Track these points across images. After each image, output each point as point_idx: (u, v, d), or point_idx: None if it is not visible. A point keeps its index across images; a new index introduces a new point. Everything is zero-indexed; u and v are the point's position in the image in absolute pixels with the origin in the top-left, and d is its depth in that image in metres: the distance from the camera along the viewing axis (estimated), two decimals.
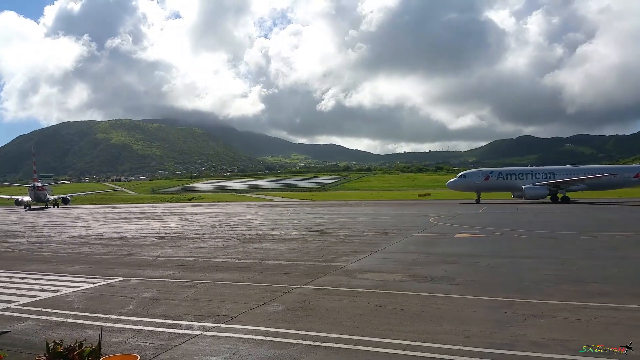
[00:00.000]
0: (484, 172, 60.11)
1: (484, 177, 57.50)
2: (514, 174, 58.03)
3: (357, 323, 8.02)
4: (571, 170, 58.05)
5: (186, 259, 16.18)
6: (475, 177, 57.91)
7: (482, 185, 57.01)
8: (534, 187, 54.14)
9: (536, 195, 53.87)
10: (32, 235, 26.67)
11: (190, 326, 8.11)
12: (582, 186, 54.97)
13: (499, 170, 60.16)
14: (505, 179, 57.16)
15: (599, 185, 55.67)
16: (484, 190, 57.68)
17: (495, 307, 8.91)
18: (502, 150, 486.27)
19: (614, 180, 55.33)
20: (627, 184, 57.00)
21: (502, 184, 57.42)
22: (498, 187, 57.99)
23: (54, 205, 79.76)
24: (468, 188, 58.30)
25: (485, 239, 20.39)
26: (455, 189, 60.10)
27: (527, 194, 53.75)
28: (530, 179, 56.08)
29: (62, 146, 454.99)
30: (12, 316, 9.06)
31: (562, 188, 54.71)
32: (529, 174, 57.54)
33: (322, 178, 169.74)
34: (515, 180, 56.80)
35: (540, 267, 13.10)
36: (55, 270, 14.46)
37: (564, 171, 58.09)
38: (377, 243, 19.32)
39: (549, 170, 58.51)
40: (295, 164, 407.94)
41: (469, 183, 57.60)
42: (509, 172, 59.05)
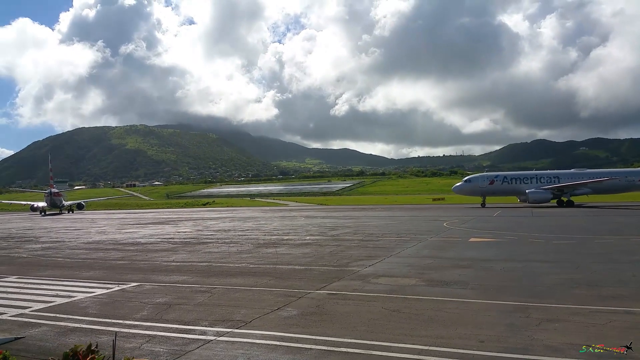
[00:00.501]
0: (489, 176, 60.33)
1: (489, 181, 57.67)
2: (518, 178, 58.16)
3: (372, 328, 8.00)
4: (576, 175, 57.84)
5: (200, 264, 16.28)
6: (481, 182, 58.06)
7: (488, 189, 57.11)
8: (538, 191, 54.05)
9: (540, 199, 53.77)
10: (47, 241, 27.03)
11: (204, 331, 8.14)
12: (587, 190, 54.89)
13: (503, 175, 60.57)
14: (510, 183, 57.28)
15: (603, 189, 55.50)
16: (490, 194, 57.70)
17: (509, 311, 8.83)
18: (517, 154, 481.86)
19: (619, 184, 55.12)
20: (632, 188, 56.67)
21: (507, 188, 57.50)
22: (503, 191, 58.03)
23: (69, 211, 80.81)
24: (473, 192, 58.39)
25: (499, 243, 20.21)
26: (460, 193, 60.39)
27: (530, 197, 53.73)
28: (534, 183, 55.98)
29: (77, 152, 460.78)
30: (26, 322, 9.17)
31: (566, 192, 54.62)
32: (533, 178, 57.48)
33: (336, 183, 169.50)
34: (520, 184, 56.82)
35: (555, 272, 12.96)
36: (70, 276, 14.63)
37: (569, 175, 57.89)
38: (391, 247, 19.25)
39: (554, 175, 58.42)
40: (309, 169, 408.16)
41: (474, 187, 57.76)
42: (514, 177, 59.21)
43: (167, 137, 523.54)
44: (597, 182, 53.84)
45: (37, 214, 76.74)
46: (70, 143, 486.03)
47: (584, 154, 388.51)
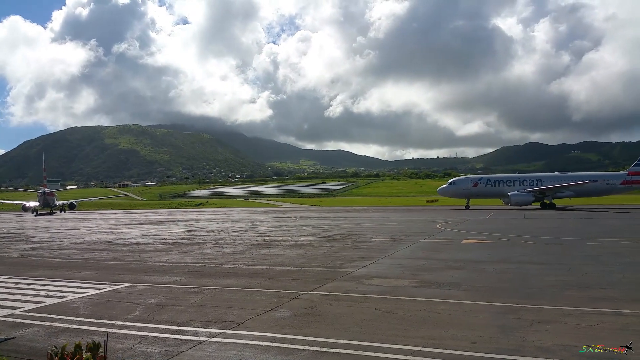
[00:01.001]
0: (472, 178, 61.44)
1: (472, 183, 58.60)
2: (502, 181, 59.13)
3: (364, 329, 8.01)
4: (558, 178, 58.89)
5: (193, 265, 16.22)
6: (464, 184, 58.98)
7: (471, 191, 57.95)
8: (520, 193, 54.91)
9: (522, 202, 54.53)
10: (38, 241, 26.84)
11: (197, 332, 8.12)
12: (569, 193, 55.68)
13: (487, 177, 61.84)
14: (493, 186, 58.18)
15: (585, 192, 56.54)
16: (473, 196, 58.59)
17: (501, 312, 8.87)
18: (510, 157, 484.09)
19: (601, 187, 56.19)
20: (614, 191, 57.77)
21: (491, 191, 58.33)
22: (487, 193, 58.85)
23: (60, 211, 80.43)
24: (457, 194, 59.25)
25: (491, 245, 20.31)
26: (445, 195, 61.34)
27: (512, 200, 54.47)
28: (517, 186, 56.87)
29: (70, 151, 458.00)
30: (17, 322, 9.09)
31: (547, 195, 55.44)
32: (516, 180, 58.45)
33: (331, 184, 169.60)
34: (503, 187, 57.71)
35: (547, 273, 13.04)
36: (61, 276, 14.53)
37: (551, 178, 59.04)
38: (384, 249, 19.28)
39: (537, 177, 59.65)
40: (303, 170, 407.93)
41: (458, 189, 58.59)
42: (497, 179, 60.29)
43: (160, 137, 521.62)
44: (579, 185, 54.81)
45: (29, 214, 76.29)
46: (62, 142, 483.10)
47: (576, 157, 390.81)
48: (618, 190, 57.61)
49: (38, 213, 76.30)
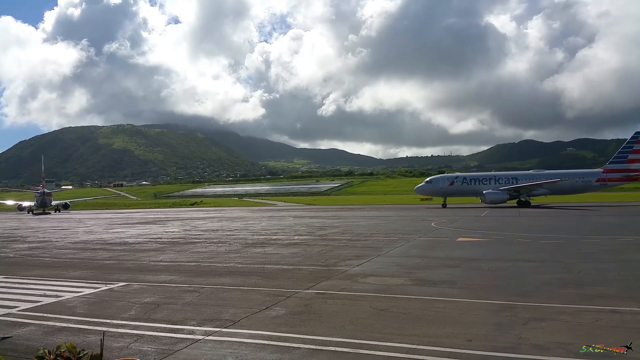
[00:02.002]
0: (449, 177, 62.74)
1: (449, 182, 59.58)
2: (477, 179, 60.14)
3: (359, 327, 8.03)
4: (533, 175, 59.74)
5: (188, 264, 16.20)
6: (441, 182, 59.94)
7: (448, 190, 58.84)
8: (495, 192, 55.59)
9: (496, 200, 55.25)
10: (34, 241, 26.71)
11: (193, 331, 8.11)
12: (544, 191, 56.41)
13: (463, 176, 62.94)
14: (469, 184, 59.14)
15: (560, 190, 57.09)
16: (450, 195, 59.42)
17: (497, 310, 8.90)
18: (504, 155, 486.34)
19: (576, 184, 56.91)
20: (589, 189, 58.35)
21: (467, 189, 59.21)
22: (463, 192, 59.66)
23: (55, 211, 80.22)
24: (434, 193, 60.38)
25: (487, 242, 20.38)
26: (422, 193, 62.57)
27: (487, 198, 55.20)
28: (493, 184, 57.63)
29: (64, 151, 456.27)
30: (13, 321, 9.06)
31: (522, 193, 56.02)
32: (492, 179, 59.26)
33: (325, 183, 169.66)
34: (479, 185, 58.61)
35: (542, 271, 13.10)
36: (57, 276, 14.47)
37: (526, 176, 59.86)
38: (379, 247, 19.32)
39: (512, 176, 60.45)
40: (297, 169, 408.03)
41: (434, 188, 59.56)
42: (473, 178, 61.39)
43: (154, 136, 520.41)
44: (552, 182, 55.28)
45: (25, 214, 76.05)
46: (56, 142, 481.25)
47: (571, 154, 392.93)
48: (593, 188, 58.24)
49: (34, 213, 76.14)
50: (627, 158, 56.39)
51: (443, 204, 58.36)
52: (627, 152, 56.72)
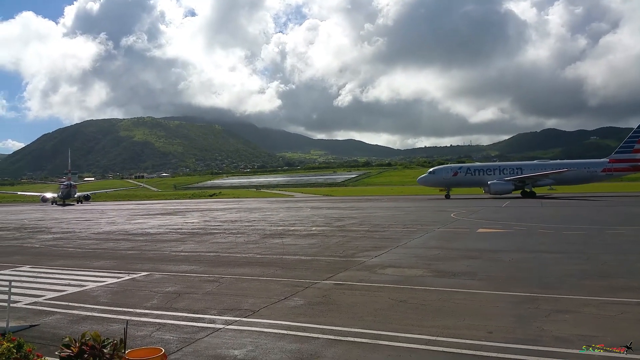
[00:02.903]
0: (452, 168, 61.86)
1: (452, 172, 58.85)
2: (482, 170, 59.30)
3: (378, 318, 8.02)
4: (538, 166, 59.01)
5: (208, 254, 16.37)
6: (444, 173, 59.34)
7: (451, 180, 58.24)
8: (500, 182, 54.85)
9: (501, 191, 54.51)
10: (58, 232, 27.27)
11: (213, 320, 8.21)
12: (549, 181, 55.81)
13: (467, 166, 62.21)
14: (473, 175, 58.38)
15: (566, 180, 56.29)
16: (453, 185, 58.89)
17: (518, 302, 8.80)
18: (526, 144, 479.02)
19: (581, 175, 56.01)
20: (595, 179, 57.48)
21: (471, 180, 58.53)
22: (466, 182, 59.02)
23: (77, 202, 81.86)
24: (437, 184, 59.65)
25: (508, 233, 20.14)
26: (425, 184, 61.63)
27: (492, 189, 54.52)
28: (497, 175, 56.83)
29: (86, 144, 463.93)
30: (40, 310, 9.30)
31: (527, 183, 55.41)
32: (496, 169, 58.52)
33: (342, 174, 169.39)
34: (483, 175, 57.83)
35: (565, 262, 12.90)
36: (81, 266, 14.77)
37: (531, 166, 59.00)
38: (397, 238, 19.24)
39: (517, 166, 59.57)
40: (314, 160, 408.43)
41: (438, 179, 58.99)
42: (477, 168, 60.58)
43: (173, 129, 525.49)
44: (557, 173, 54.51)
45: (48, 205, 77.88)
46: (78, 135, 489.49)
47: (595, 143, 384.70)
48: (599, 178, 57.45)
49: (57, 204, 77.99)
50: (633, 148, 55.47)
51: (446, 195, 57.95)
52: (633, 142, 55.77)
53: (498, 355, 6.16)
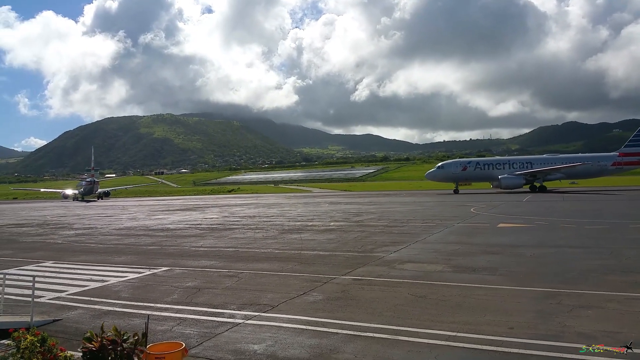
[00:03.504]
0: (461, 162, 61.22)
1: (461, 167, 58.31)
2: (491, 164, 58.80)
3: (398, 313, 7.98)
4: (548, 160, 58.51)
5: (227, 250, 16.49)
6: (454, 168, 58.64)
7: (460, 175, 57.72)
8: (510, 177, 54.42)
9: (512, 185, 54.01)
10: (80, 228, 27.76)
11: (233, 315, 8.27)
12: (560, 175, 55.31)
13: (476, 161, 61.72)
14: (483, 169, 57.81)
15: (576, 174, 56.15)
16: (462, 180, 58.43)
17: (540, 297, 8.68)
18: (547, 137, 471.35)
19: (591, 169, 55.54)
20: (605, 173, 57.12)
21: (480, 174, 57.95)
22: (476, 177, 58.52)
23: (98, 198, 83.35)
24: (446, 179, 59.07)
25: (529, 228, 19.86)
26: (433, 179, 61.03)
27: (503, 183, 53.94)
28: (507, 169, 56.39)
29: (107, 141, 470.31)
30: (63, 305, 9.48)
31: (538, 177, 54.95)
32: (506, 163, 57.94)
33: (360, 169, 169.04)
34: (492, 170, 57.33)
35: (587, 257, 12.68)
36: (103, 261, 15.02)
37: (542, 161, 58.53)
38: (416, 233, 19.12)
39: (527, 160, 59.18)
40: (332, 155, 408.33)
41: (447, 173, 58.37)
42: (487, 162, 60.04)
43: (192, 125, 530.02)
44: (571, 167, 54.08)
45: (69, 201, 79.49)
46: (99, 132, 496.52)
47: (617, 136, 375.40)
48: (609, 172, 57.12)
49: (79, 200, 79.59)
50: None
51: (455, 189, 57.52)
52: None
53: (519, 351, 6.09)
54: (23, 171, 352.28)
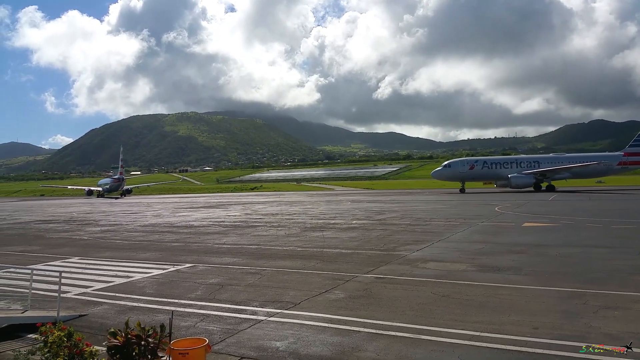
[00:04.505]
0: (468, 161, 60.68)
1: (469, 166, 57.62)
2: (499, 163, 58.37)
3: (420, 312, 7.95)
4: (556, 159, 58.25)
5: (250, 247, 16.63)
6: (461, 167, 58.02)
7: (468, 174, 57.02)
8: (520, 175, 53.88)
9: (523, 184, 53.58)
10: (106, 224, 28.32)
11: (255, 312, 8.34)
12: (567, 174, 55.07)
13: (483, 160, 61.20)
14: (490, 168, 57.23)
15: (581, 174, 55.64)
16: (469, 179, 57.71)
17: (565, 297, 8.54)
18: (573, 135, 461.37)
19: (599, 168, 55.21)
20: (610, 172, 57.22)
21: (488, 173, 57.41)
22: (483, 176, 58.03)
23: (121, 195, 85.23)
24: (453, 178, 58.44)
25: (554, 228, 19.50)
26: (440, 178, 60.43)
27: (513, 182, 53.38)
28: (515, 168, 55.88)
29: (132, 139, 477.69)
30: (88, 300, 9.70)
31: (548, 177, 54.42)
32: (514, 162, 57.51)
33: (382, 167, 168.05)
34: (500, 169, 56.82)
35: (614, 257, 12.40)
36: (128, 257, 15.30)
37: (549, 160, 58.32)
38: (439, 232, 18.96)
39: (534, 159, 58.90)
40: (354, 153, 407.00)
41: (454, 172, 57.73)
42: (494, 161, 59.58)
43: (216, 123, 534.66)
44: (578, 166, 53.87)
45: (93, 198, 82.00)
46: (125, 130, 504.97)
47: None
48: (614, 171, 57.24)
49: (104, 197, 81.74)
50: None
51: (461, 189, 56.91)
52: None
53: (544, 351, 6.01)
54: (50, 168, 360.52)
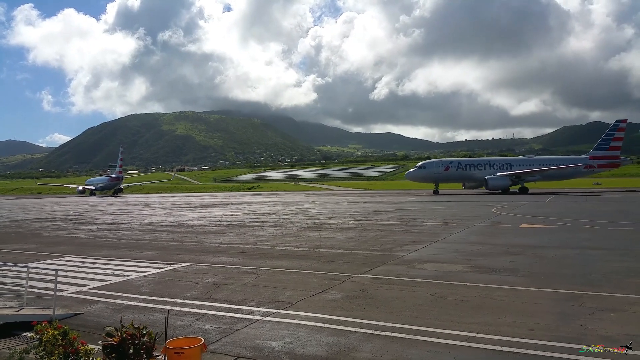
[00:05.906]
0: (444, 162, 60.76)
1: (444, 167, 57.67)
2: (472, 165, 58.78)
3: (417, 313, 7.94)
4: (526, 161, 59.60)
5: (247, 247, 16.60)
6: (436, 168, 58.00)
7: (442, 175, 57.15)
8: (497, 177, 54.52)
9: (500, 186, 54.14)
10: (102, 223, 28.23)
11: (251, 311, 8.33)
12: (537, 177, 55.79)
13: (458, 161, 61.70)
14: (464, 170, 57.58)
15: (550, 176, 56.48)
16: (443, 180, 57.91)
17: (561, 299, 8.55)
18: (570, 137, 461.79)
19: (565, 171, 56.64)
20: (577, 174, 58.88)
21: (461, 175, 57.78)
22: (457, 177, 58.36)
23: (113, 194, 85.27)
24: (428, 179, 58.38)
25: (551, 229, 19.54)
26: (414, 179, 60.39)
27: (490, 184, 53.91)
28: (488, 170, 56.44)
29: (129, 137, 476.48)
30: (84, 299, 9.67)
31: (522, 179, 55.24)
32: (486, 164, 58.17)
33: (380, 167, 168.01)
34: (473, 170, 57.28)
35: (610, 259, 12.43)
36: (124, 256, 15.25)
37: (520, 162, 59.67)
38: (436, 233, 18.98)
39: (506, 161, 59.88)
40: (352, 153, 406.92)
41: (428, 174, 57.72)
42: (468, 163, 60.04)
43: (213, 123, 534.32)
44: (561, 168, 55.27)
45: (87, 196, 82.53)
46: (122, 129, 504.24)
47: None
48: (581, 174, 58.84)
49: (96, 195, 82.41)
50: (609, 145, 57.44)
51: (435, 190, 56.95)
52: (608, 140, 57.77)
53: (540, 353, 6.01)
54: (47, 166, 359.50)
